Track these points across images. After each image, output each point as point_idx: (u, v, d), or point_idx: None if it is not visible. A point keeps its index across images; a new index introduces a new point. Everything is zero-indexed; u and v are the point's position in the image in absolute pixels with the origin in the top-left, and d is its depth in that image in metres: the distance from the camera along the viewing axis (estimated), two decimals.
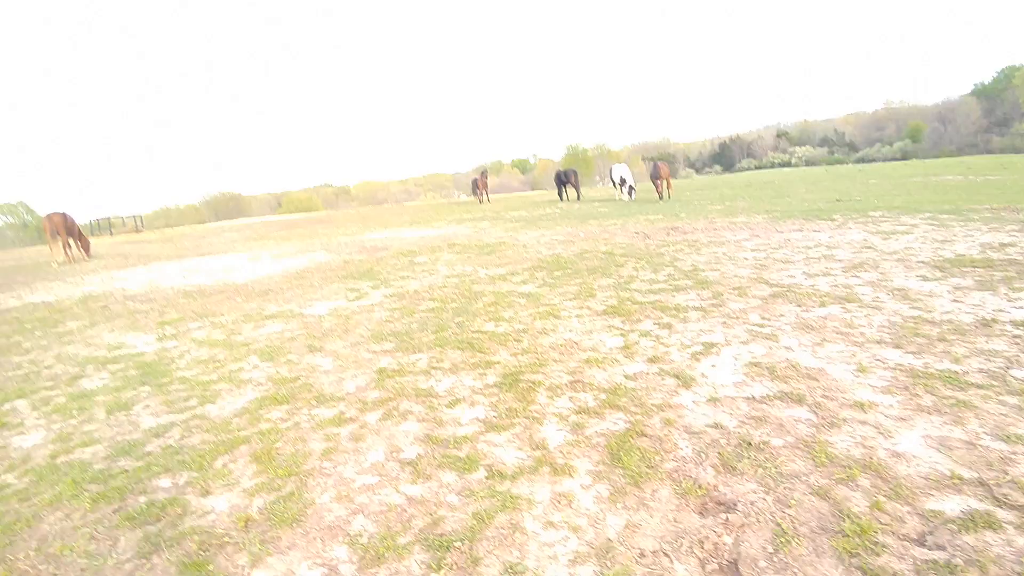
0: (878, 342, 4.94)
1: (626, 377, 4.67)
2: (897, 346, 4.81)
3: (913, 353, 4.64)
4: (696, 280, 7.71)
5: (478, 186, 32.65)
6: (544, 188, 72.70)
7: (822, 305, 6.11)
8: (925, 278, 6.88)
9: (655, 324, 5.97)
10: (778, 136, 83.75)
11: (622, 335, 5.72)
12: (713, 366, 4.76)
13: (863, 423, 3.65)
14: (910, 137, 73.02)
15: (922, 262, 7.70)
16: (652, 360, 4.97)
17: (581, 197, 28.46)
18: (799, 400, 4.01)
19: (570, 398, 4.38)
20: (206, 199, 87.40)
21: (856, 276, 7.24)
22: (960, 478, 3.01)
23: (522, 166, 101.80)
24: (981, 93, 67.98)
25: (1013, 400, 3.74)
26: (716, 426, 3.76)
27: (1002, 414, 3.59)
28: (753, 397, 4.14)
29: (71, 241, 20.57)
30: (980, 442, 3.33)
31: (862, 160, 68.78)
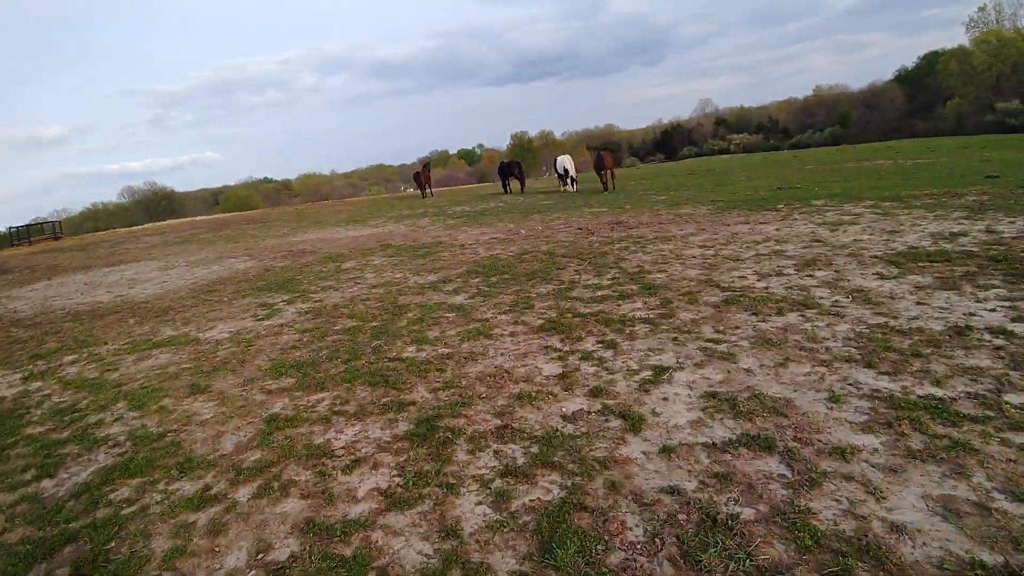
0: (847, 360, 4.29)
1: (564, 419, 3.86)
2: (869, 365, 4.17)
3: (888, 374, 4.00)
4: (643, 284, 7.00)
5: (421, 179, 31.37)
6: (491, 179, 71.67)
7: (779, 312, 5.47)
8: (882, 276, 6.35)
9: (598, 342, 5.21)
10: (717, 123, 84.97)
11: (561, 359, 4.93)
12: (665, 399, 4.01)
13: (848, 478, 2.95)
14: (839, 122, 75.20)
15: (875, 256, 7.20)
16: (594, 393, 4.19)
17: (525, 189, 27.71)
18: (768, 447, 3.29)
19: (495, 453, 3.54)
20: (136, 198, 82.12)
21: (810, 275, 6.66)
22: (984, 567, 2.32)
23: (468, 157, 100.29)
24: (904, 79, 70.46)
25: (1019, 439, 3.10)
26: (672, 491, 2.99)
27: (1010, 459, 2.95)
28: (714, 443, 3.40)
29: None
30: (994, 504, 2.66)
31: (796, 146, 70.44)
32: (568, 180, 23.56)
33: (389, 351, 5.55)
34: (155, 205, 79.22)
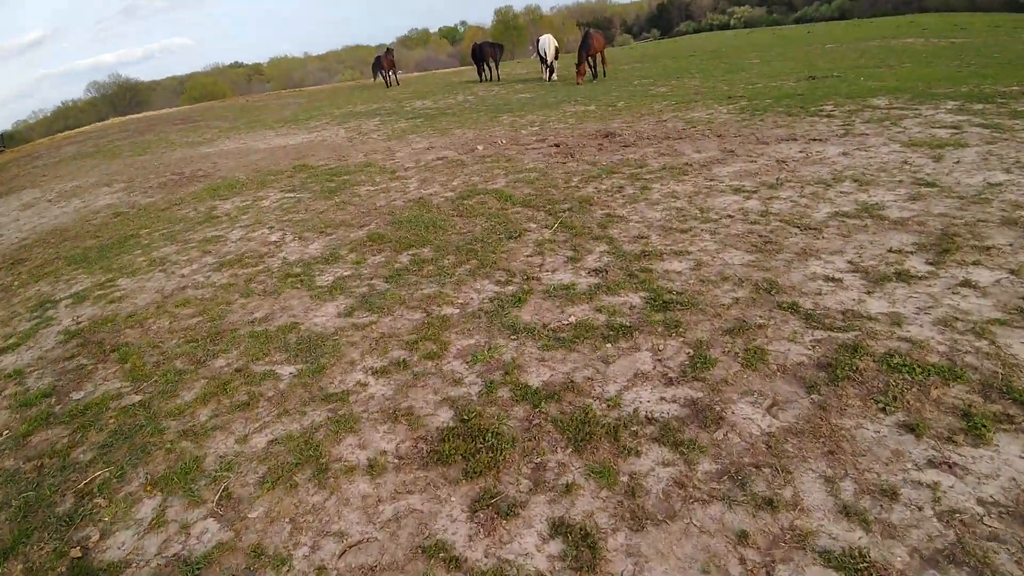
0: None
1: None
2: None
3: None
4: (651, 293, 3.76)
5: (382, 65, 26.46)
6: (471, 63, 64.76)
7: (980, 434, 2.32)
8: None
9: (551, 528, 2.10)
10: None
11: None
12: None
13: None
14: None
15: None
16: None
17: (501, 76, 23.21)
18: None
19: None
20: (102, 92, 74.31)
21: (968, 279, 3.42)
22: None
23: (451, 35, 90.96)
24: None
25: None
26: None
27: None
28: None
29: None
30: None
31: (801, 20, 63.33)
32: (547, 68, 19.20)
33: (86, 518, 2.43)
34: (120, 99, 72.20)
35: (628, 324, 3.41)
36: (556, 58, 19.43)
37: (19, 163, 19.91)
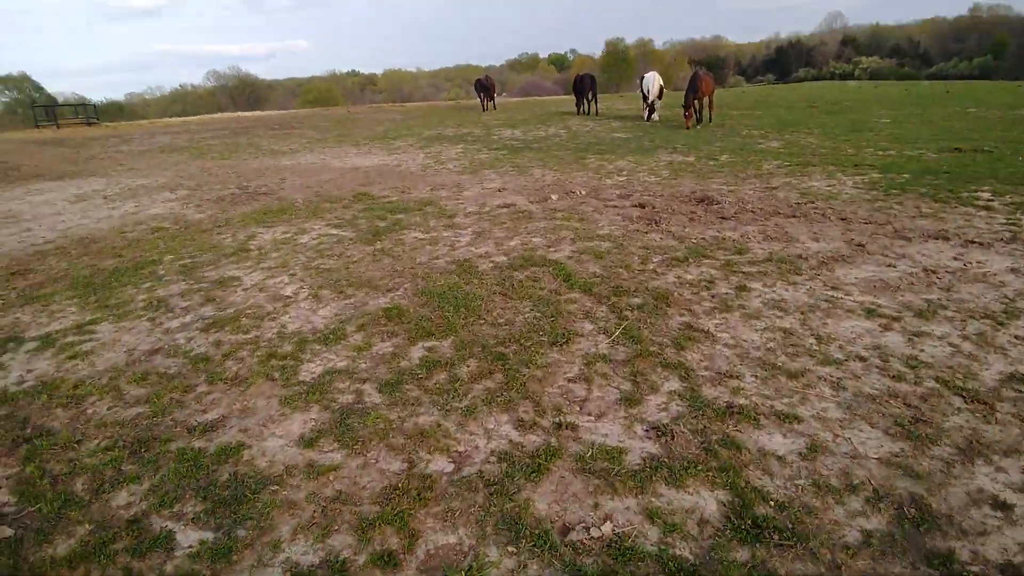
0: None
1: None
2: None
3: None
4: (732, 492, 2.46)
5: (489, 88, 26.03)
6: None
7: None
8: None
9: None
10: (843, 43, 71.11)
11: None
12: None
13: None
14: (992, 52, 61.28)
15: None
16: None
17: (599, 111, 22.09)
18: None
19: None
20: (222, 83, 77.82)
21: None
22: None
23: (559, 63, 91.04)
24: None
25: None
26: None
27: None
28: None
29: None
30: None
31: (935, 76, 58.17)
32: (648, 107, 17.84)
33: None
34: (239, 93, 75.69)
35: (693, 562, 2.14)
36: (660, 97, 18.05)
37: (105, 143, 20.51)
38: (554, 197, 8.03)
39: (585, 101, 21.89)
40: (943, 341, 3.59)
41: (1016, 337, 3.59)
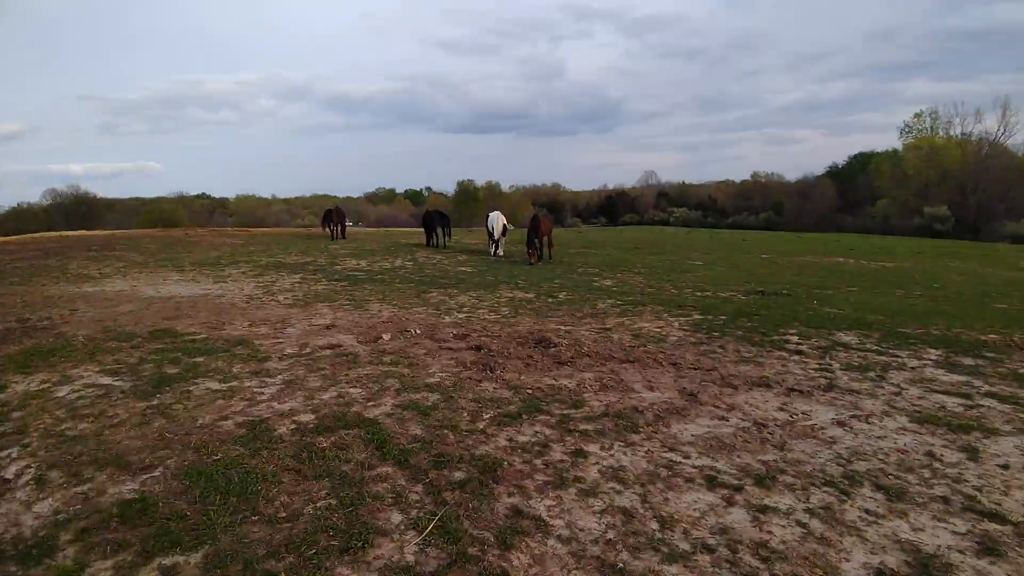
0: None
1: None
2: None
3: None
4: None
5: (331, 219, 25.51)
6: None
7: None
8: None
9: None
10: (659, 195, 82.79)
11: None
12: None
13: None
14: (774, 209, 74.38)
15: None
16: None
17: (450, 243, 22.44)
18: None
19: None
20: (58, 201, 70.16)
21: None
22: None
23: (415, 198, 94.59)
24: (836, 175, 70.32)
25: None
26: None
27: None
28: None
29: None
30: None
31: (733, 226, 68.69)
32: (494, 243, 18.48)
33: None
34: (74, 211, 68.79)
35: None
36: (504, 234, 18.81)
37: None
38: (386, 337, 7.29)
39: (435, 235, 22.16)
40: (790, 519, 3.24)
41: (866, 512, 3.35)
